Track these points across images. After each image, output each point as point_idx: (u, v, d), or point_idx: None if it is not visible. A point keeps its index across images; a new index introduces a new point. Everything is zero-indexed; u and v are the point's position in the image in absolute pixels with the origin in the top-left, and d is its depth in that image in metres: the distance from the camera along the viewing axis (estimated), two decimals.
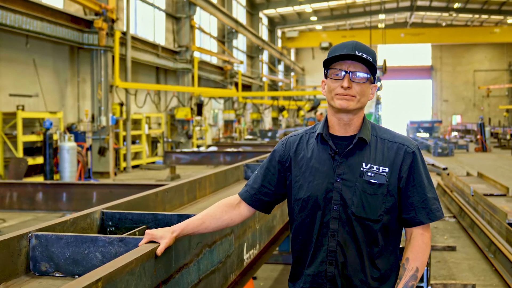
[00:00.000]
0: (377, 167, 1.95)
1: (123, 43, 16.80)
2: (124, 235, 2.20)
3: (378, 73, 24.33)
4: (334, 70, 1.97)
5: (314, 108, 26.78)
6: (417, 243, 1.96)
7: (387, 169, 1.95)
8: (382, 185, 1.94)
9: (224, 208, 2.09)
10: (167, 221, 2.62)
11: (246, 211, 2.13)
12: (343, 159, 1.98)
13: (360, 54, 1.94)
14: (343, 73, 1.95)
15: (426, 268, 4.93)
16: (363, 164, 1.95)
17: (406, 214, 1.98)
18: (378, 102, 25.03)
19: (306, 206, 2.01)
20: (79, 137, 14.18)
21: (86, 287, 1.40)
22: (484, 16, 40.74)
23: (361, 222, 1.93)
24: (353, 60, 1.95)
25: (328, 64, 2.00)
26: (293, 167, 2.07)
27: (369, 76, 1.97)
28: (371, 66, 1.97)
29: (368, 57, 1.95)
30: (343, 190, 1.95)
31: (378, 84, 24.23)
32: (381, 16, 40.26)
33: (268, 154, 7.18)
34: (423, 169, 1.99)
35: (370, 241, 1.95)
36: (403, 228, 2.05)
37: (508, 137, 29.61)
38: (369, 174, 1.94)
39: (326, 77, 2.02)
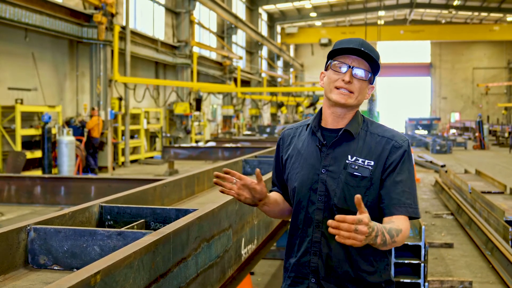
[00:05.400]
0: (363, 160, 1.95)
1: (122, 38, 16.77)
2: (122, 229, 2.21)
3: None
4: (338, 63, 1.99)
5: (313, 104, 26.73)
6: (401, 222, 1.90)
7: (372, 163, 1.95)
8: (365, 178, 1.94)
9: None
10: (165, 215, 2.62)
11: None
12: (330, 150, 2.00)
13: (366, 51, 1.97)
14: (346, 67, 1.97)
15: (423, 264, 4.94)
16: (349, 156, 1.97)
17: (383, 204, 1.95)
18: (372, 99, 24.89)
19: (295, 196, 2.05)
20: (77, 131, 14.17)
21: (85, 280, 1.40)
22: (484, 14, 40.70)
23: (344, 214, 1.91)
24: (358, 56, 1.97)
25: (332, 56, 2.02)
26: (288, 158, 2.13)
27: (370, 75, 1.99)
28: (374, 66, 1.99)
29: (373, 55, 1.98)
30: (327, 181, 1.97)
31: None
32: (381, 13, 40.22)
33: (266, 150, 7.18)
34: (408, 165, 1.97)
35: None
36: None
37: (506, 134, 29.60)
38: (353, 166, 1.95)
39: (326, 69, 2.04)
